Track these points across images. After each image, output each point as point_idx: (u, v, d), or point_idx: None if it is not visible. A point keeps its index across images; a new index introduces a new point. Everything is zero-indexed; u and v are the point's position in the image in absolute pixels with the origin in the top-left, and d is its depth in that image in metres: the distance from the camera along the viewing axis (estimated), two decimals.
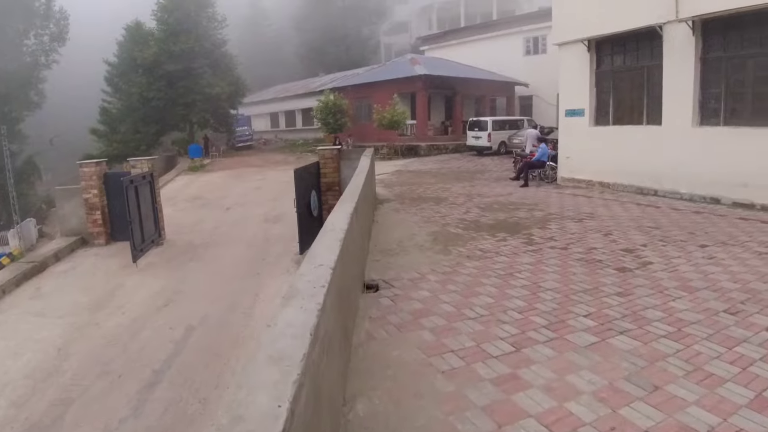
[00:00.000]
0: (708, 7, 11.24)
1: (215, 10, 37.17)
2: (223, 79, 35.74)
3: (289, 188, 10.13)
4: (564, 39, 15.17)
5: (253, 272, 9.50)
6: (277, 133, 48.79)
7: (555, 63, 16.15)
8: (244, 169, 26.36)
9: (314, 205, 10.93)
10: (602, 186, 14.24)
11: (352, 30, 60.91)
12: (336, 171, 11.89)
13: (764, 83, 10.89)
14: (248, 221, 13.70)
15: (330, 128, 30.83)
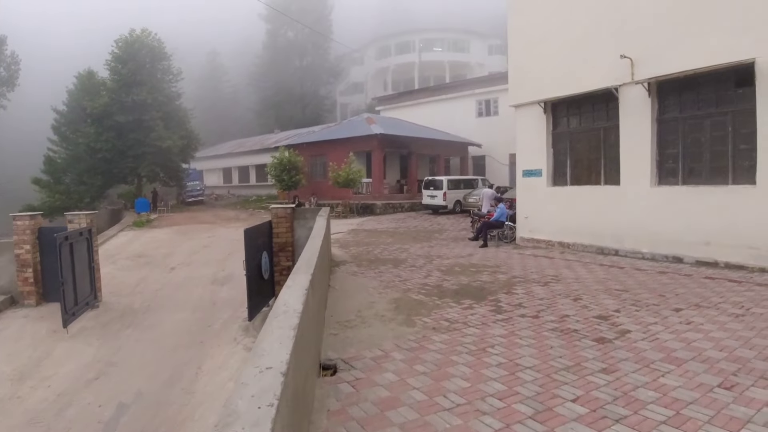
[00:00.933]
0: (663, 69, 11.47)
1: (171, 63, 36.84)
2: (176, 132, 35.05)
3: (240, 246, 9.40)
4: (520, 101, 15.28)
5: (197, 341, 8.62)
6: (230, 189, 47.96)
7: (507, 124, 16.29)
8: (194, 225, 25.33)
9: (265, 267, 10.18)
10: (562, 246, 14.02)
11: (309, 89, 61.75)
12: (289, 231, 11.22)
13: (721, 142, 11.03)
14: (194, 283, 12.77)
15: (284, 185, 30.38)
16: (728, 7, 10.48)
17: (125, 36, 34.50)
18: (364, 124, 32.36)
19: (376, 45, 63.11)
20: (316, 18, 58.99)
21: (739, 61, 10.21)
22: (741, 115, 10.62)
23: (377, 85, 61.89)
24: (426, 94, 41.85)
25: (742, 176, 10.65)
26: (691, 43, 11.04)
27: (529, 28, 14.96)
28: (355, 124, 34.43)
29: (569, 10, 13.77)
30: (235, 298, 10.72)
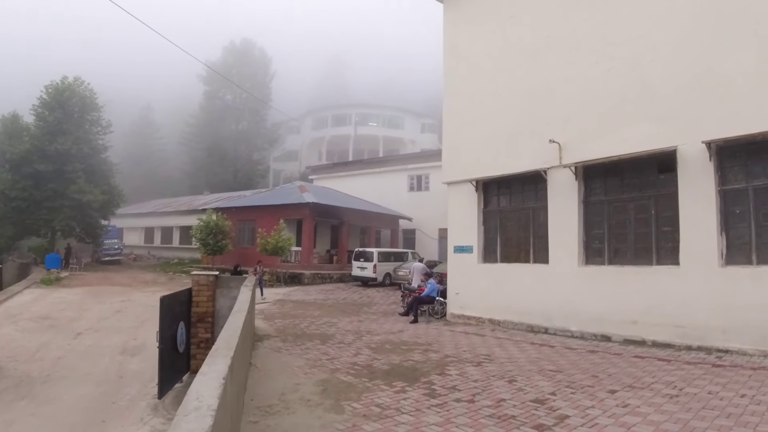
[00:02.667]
0: (589, 154, 12.05)
1: (101, 114, 35.54)
2: (98, 186, 33.45)
3: (156, 313, 8.62)
4: (453, 178, 15.52)
5: (99, 419, 7.73)
6: (151, 250, 45.64)
7: (437, 199, 16.46)
8: (107, 287, 23.75)
9: (181, 339, 9.38)
10: (493, 323, 13.91)
11: (242, 153, 61.32)
12: (211, 300, 10.52)
13: (645, 224, 11.50)
14: (101, 352, 11.67)
15: (209, 249, 29.27)
16: (651, 98, 11.24)
17: (56, 82, 33.31)
18: (297, 192, 32.05)
19: (313, 115, 63.90)
20: (256, 84, 59.57)
21: (662, 149, 10.87)
22: (663, 198, 11.20)
23: (312, 154, 62.26)
24: (360, 166, 42.42)
25: (665, 257, 11.08)
26: (617, 131, 11.70)
27: (464, 110, 15.45)
28: (288, 192, 34.05)
29: (502, 95, 14.37)
30: (145, 372, 9.77)
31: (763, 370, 8.20)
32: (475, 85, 15.23)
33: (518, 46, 14.19)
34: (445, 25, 16.60)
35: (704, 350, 9.91)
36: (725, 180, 10.36)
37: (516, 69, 14.15)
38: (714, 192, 10.32)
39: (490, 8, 15.13)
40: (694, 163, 10.52)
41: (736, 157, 10.28)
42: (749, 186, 10.06)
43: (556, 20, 13.39)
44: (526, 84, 13.80)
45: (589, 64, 12.49)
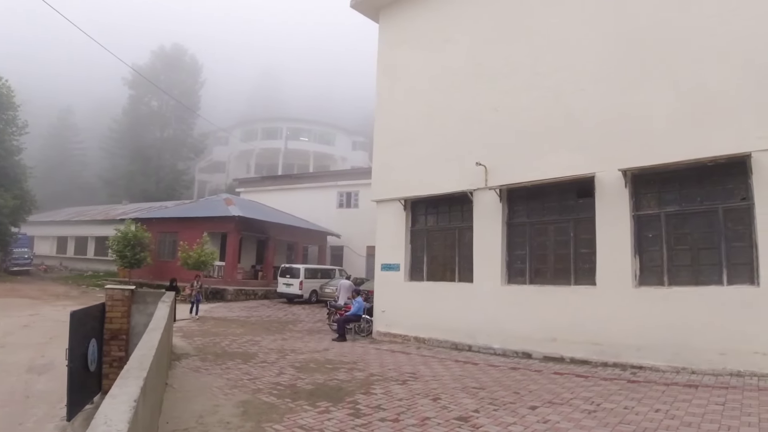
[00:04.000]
0: (514, 178, 12.52)
1: (17, 114, 33.30)
2: (8, 190, 31.20)
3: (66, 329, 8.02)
4: (382, 197, 15.62)
5: None
6: (63, 261, 42.81)
7: (366, 217, 16.50)
8: (14, 299, 22.14)
9: (92, 357, 8.78)
10: (418, 341, 13.97)
11: (167, 162, 58.66)
12: (125, 316, 9.93)
13: (564, 246, 12.02)
14: (7, 369, 10.75)
15: (126, 262, 27.79)
16: (574, 127, 11.86)
17: None
18: (222, 205, 31.14)
19: (243, 127, 62.61)
20: (185, 91, 57.32)
21: (581, 175, 11.46)
22: (582, 222, 11.77)
23: (240, 167, 60.90)
24: (289, 180, 41.89)
25: (583, 277, 11.59)
26: (541, 156, 12.23)
27: (395, 129, 15.66)
28: (213, 204, 33.02)
29: (433, 117, 14.70)
30: (54, 392, 9.03)
31: (676, 386, 8.63)
32: (407, 106, 15.48)
33: (451, 70, 14.58)
34: (380, 45, 16.81)
35: (620, 367, 10.37)
36: (639, 206, 11.01)
37: (447, 92, 14.52)
38: (629, 217, 10.94)
39: (425, 32, 15.47)
40: (611, 190, 11.15)
41: (649, 185, 10.96)
42: (661, 212, 10.73)
43: (489, 48, 13.89)
44: (457, 107, 14.17)
45: (518, 92, 13.02)
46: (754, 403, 7.23)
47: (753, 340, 9.08)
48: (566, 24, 12.54)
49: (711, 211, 10.21)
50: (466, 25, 14.52)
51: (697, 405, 7.30)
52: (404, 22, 16.14)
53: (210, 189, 58.50)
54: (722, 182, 10.17)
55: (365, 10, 17.13)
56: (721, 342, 9.39)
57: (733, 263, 9.83)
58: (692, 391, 8.16)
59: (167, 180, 57.63)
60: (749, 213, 9.70)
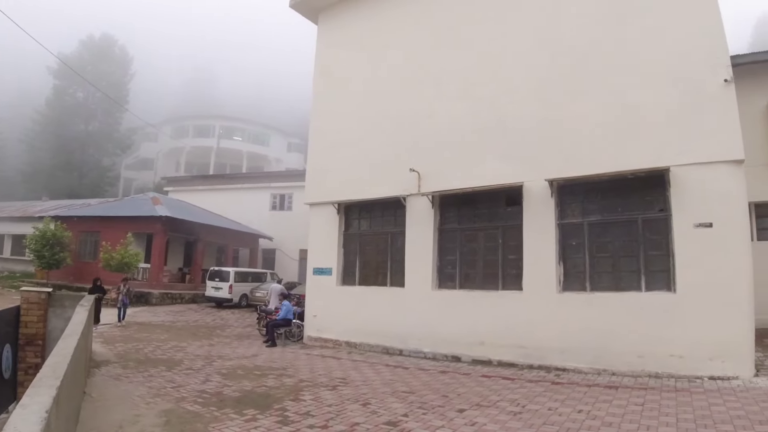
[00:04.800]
0: (445, 185, 12.83)
1: None
2: None
3: None
4: (315, 200, 15.50)
5: None
6: None
7: (300, 220, 16.38)
8: None
9: (6, 364, 8.26)
10: (349, 346, 13.92)
11: (91, 157, 55.45)
12: (42, 321, 9.43)
13: (493, 252, 12.36)
14: None
15: (44, 263, 26.13)
16: (505, 137, 12.23)
17: None
18: (149, 204, 29.96)
19: (174, 123, 60.40)
20: (113, 83, 54.04)
21: (510, 184, 11.84)
22: (510, 229, 12.15)
23: (169, 165, 58.68)
24: (221, 180, 40.87)
25: (510, 283, 11.95)
26: (472, 164, 12.54)
27: (331, 132, 15.57)
28: (139, 203, 31.68)
29: (369, 121, 14.74)
30: None
31: (597, 387, 8.99)
32: (344, 109, 15.44)
33: (388, 75, 14.69)
34: (318, 47, 16.70)
35: (544, 369, 10.73)
36: (564, 215, 11.46)
37: (385, 97, 14.60)
38: (554, 225, 11.38)
39: (363, 35, 15.52)
40: (538, 199, 11.56)
41: (574, 195, 11.43)
42: (584, 221, 11.21)
43: (426, 55, 14.08)
44: (394, 112, 14.27)
45: (453, 100, 13.27)
46: (671, 403, 7.61)
47: (669, 343, 9.64)
48: (502, 37, 12.91)
49: (631, 221, 10.76)
50: (404, 31, 14.67)
51: (617, 405, 7.61)
52: (343, 24, 16.12)
53: (136, 187, 56.17)
54: (642, 194, 10.74)
55: (304, 11, 16.98)
56: (639, 345, 9.90)
57: (651, 270, 10.39)
58: (613, 392, 8.51)
59: (91, 176, 54.61)
60: (666, 223, 10.29)
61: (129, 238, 25.37)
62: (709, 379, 9.11)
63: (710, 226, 9.79)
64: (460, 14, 13.72)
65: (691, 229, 9.95)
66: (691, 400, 7.78)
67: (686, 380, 9.15)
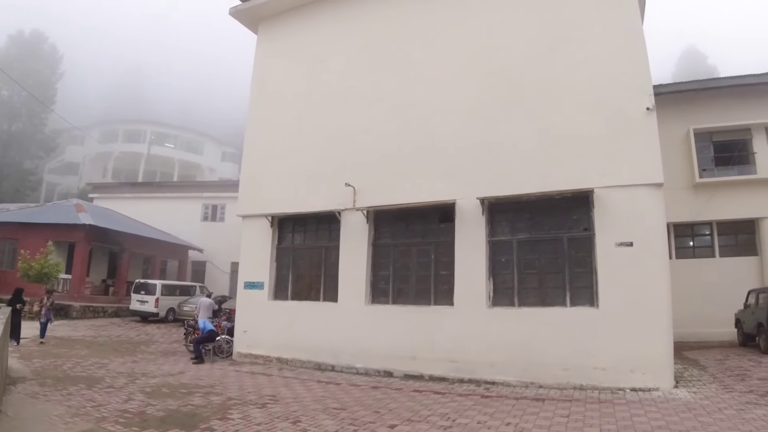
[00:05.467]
0: (380, 200, 13.02)
1: None
2: None
3: None
4: (248, 212, 15.22)
5: None
6: None
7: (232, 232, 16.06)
8: None
9: None
10: (281, 362, 13.68)
11: (12, 159, 51.79)
12: None
13: (425, 268, 12.57)
14: None
15: None
16: (439, 155, 12.58)
17: None
18: (72, 211, 28.46)
19: (102, 127, 57.48)
20: (40, 82, 51.06)
21: (443, 201, 12.13)
22: (442, 245, 12.41)
23: (96, 170, 55.79)
24: (150, 189, 39.46)
25: (442, 298, 12.17)
26: (407, 181, 12.77)
27: (267, 143, 15.37)
28: (61, 210, 29.98)
29: (306, 134, 14.69)
30: None
31: (525, 400, 9.25)
32: (280, 121, 15.29)
33: (325, 89, 14.71)
34: (257, 56, 16.50)
35: (474, 383, 10.96)
36: (494, 232, 11.87)
37: (321, 111, 14.61)
38: (485, 242, 11.74)
39: (302, 48, 15.49)
40: (469, 216, 11.91)
41: (504, 213, 11.89)
42: (513, 239, 11.64)
43: (362, 72, 14.26)
44: (330, 127, 14.30)
45: (388, 117, 13.47)
46: (595, 415, 7.94)
47: (593, 356, 10.12)
48: (438, 57, 13.28)
49: (557, 239, 11.26)
50: (343, 47, 14.76)
51: (544, 417, 7.86)
52: (282, 36, 16.01)
53: (60, 192, 53.30)
54: (568, 213, 11.31)
55: (244, 20, 16.74)
56: (565, 358, 10.32)
57: (576, 287, 10.90)
58: (540, 405, 8.78)
59: (11, 179, 51.02)
60: (590, 242, 10.86)
61: (50, 246, 24.03)
62: (631, 390, 9.59)
63: (631, 245, 10.39)
64: (398, 34, 14.01)
65: (613, 248, 10.53)
66: (614, 411, 8.14)
67: (609, 392, 9.59)
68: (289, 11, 15.95)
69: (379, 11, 14.48)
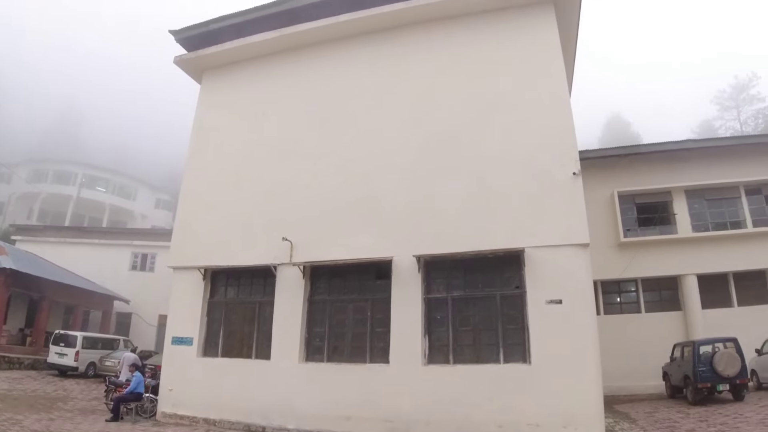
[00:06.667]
0: (317, 256, 12.91)
1: None
2: None
3: None
4: (180, 263, 14.71)
5: None
6: None
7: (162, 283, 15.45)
8: None
9: None
10: (208, 423, 12.99)
11: None
12: None
13: (361, 325, 12.46)
14: None
15: None
16: (377, 213, 12.74)
17: None
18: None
19: (31, 165, 54.84)
20: None
21: (380, 258, 12.22)
22: (379, 302, 12.39)
23: (21, 211, 52.73)
24: (77, 233, 37.51)
25: (378, 356, 12.03)
26: (345, 237, 12.81)
27: (203, 193, 15.06)
28: None
29: (244, 186, 14.52)
30: None
31: None
32: (220, 171, 15.07)
33: (267, 142, 14.71)
34: (199, 105, 16.36)
35: None
36: (430, 289, 11.99)
37: (262, 163, 14.53)
38: (420, 299, 11.83)
39: (245, 101, 15.52)
40: (406, 273, 12.00)
41: (440, 271, 12.05)
42: (449, 296, 11.81)
43: (304, 127, 14.40)
44: (270, 180, 14.23)
45: (328, 173, 13.59)
46: None
47: (526, 412, 10.26)
48: (380, 116, 13.64)
49: (490, 297, 11.52)
50: (286, 102, 14.90)
51: None
52: (226, 87, 16.01)
53: None
54: (501, 271, 11.63)
55: (189, 69, 16.66)
56: (499, 415, 10.41)
57: (509, 343, 11.11)
58: None
59: None
60: (522, 299, 11.18)
61: None
62: None
63: (560, 302, 10.76)
64: (341, 92, 14.33)
65: (543, 305, 10.87)
66: None
67: None
68: (234, 63, 16.02)
69: (323, 69, 14.80)
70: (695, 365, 14.10)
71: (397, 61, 14.04)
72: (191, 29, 16.55)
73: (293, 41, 15.14)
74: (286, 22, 15.09)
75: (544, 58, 12.62)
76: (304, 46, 15.14)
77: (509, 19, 13.27)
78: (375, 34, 14.41)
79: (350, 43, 14.66)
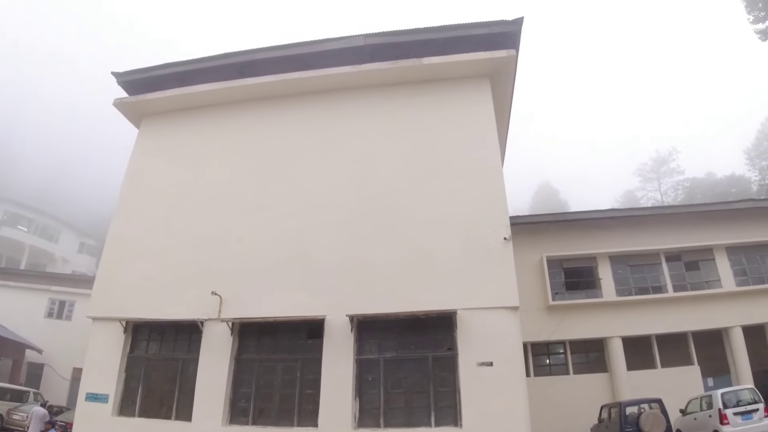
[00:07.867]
0: (247, 312, 12.51)
1: None
2: None
3: None
4: (100, 314, 13.84)
5: None
6: None
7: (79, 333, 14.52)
8: None
9: None
10: None
11: None
12: None
13: (290, 386, 12.05)
14: None
15: None
16: (311, 270, 12.60)
17: None
18: None
19: None
20: None
21: (313, 317, 11.99)
22: (309, 362, 12.06)
23: None
24: None
25: (306, 418, 11.63)
26: (277, 294, 12.52)
27: (131, 241, 14.37)
28: None
29: (174, 237, 14.02)
30: None
31: None
32: (150, 219, 14.52)
33: (201, 193, 14.40)
34: (135, 150, 15.91)
35: None
36: (362, 350, 11.82)
37: (194, 214, 14.14)
38: (352, 360, 11.62)
39: (182, 150, 15.25)
40: (338, 333, 11.81)
41: (372, 331, 11.94)
42: (381, 357, 11.68)
43: (240, 181, 14.25)
44: (201, 231, 13.82)
45: (264, 227, 13.39)
46: None
47: None
48: (317, 174, 13.72)
49: (423, 359, 11.48)
50: (225, 153, 14.77)
51: None
52: (163, 134, 15.70)
53: None
54: (433, 333, 11.66)
55: (128, 112, 16.23)
56: None
57: (440, 406, 11.04)
58: None
59: None
60: (454, 361, 11.23)
61: None
62: None
63: (491, 364, 10.89)
64: (278, 149, 14.37)
65: (474, 367, 10.97)
66: None
67: None
68: (175, 111, 15.80)
69: (265, 124, 14.86)
70: (622, 426, 14.37)
71: (339, 122, 14.28)
72: (134, 73, 16.31)
73: (237, 95, 15.17)
74: (231, 75, 15.18)
75: (479, 128, 13.23)
76: (248, 101, 15.17)
77: (447, 89, 13.90)
78: (318, 95, 14.69)
79: (294, 101, 14.82)
